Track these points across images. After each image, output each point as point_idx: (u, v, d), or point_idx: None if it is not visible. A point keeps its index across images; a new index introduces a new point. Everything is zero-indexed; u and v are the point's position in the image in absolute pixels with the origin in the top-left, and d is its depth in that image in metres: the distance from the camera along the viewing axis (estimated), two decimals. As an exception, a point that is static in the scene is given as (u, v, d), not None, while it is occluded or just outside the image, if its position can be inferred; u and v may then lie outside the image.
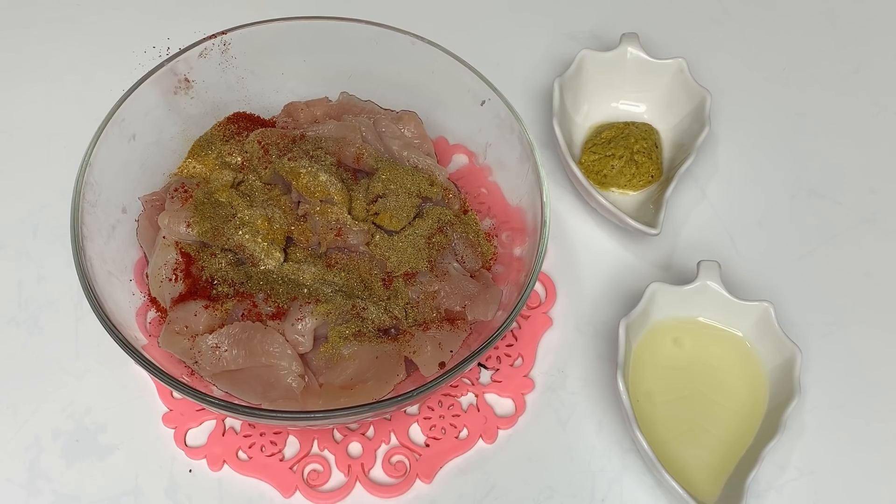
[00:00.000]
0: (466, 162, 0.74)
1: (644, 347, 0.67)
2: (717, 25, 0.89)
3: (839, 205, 0.78)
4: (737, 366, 0.67)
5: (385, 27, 0.70)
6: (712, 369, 0.67)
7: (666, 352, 0.68)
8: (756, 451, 0.62)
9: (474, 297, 0.64)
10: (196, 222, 0.64)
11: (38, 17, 0.86)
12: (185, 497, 0.63)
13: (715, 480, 0.63)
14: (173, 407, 0.65)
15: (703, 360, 0.68)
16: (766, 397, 0.66)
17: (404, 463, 0.64)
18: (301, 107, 0.73)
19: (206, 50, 0.69)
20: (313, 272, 0.64)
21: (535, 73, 0.84)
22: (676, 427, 0.65)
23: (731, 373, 0.67)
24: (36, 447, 0.64)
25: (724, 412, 0.66)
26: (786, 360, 0.65)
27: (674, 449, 0.64)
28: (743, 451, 0.64)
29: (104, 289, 0.60)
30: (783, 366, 0.65)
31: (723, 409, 0.66)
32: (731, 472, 0.63)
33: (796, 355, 0.64)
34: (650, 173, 0.75)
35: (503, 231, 0.69)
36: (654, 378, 0.67)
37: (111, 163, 0.64)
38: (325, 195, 0.65)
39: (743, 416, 0.65)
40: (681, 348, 0.68)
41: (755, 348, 0.67)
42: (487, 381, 0.67)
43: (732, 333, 0.68)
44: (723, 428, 0.65)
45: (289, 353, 0.60)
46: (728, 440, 0.64)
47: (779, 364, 0.66)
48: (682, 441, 0.65)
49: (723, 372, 0.67)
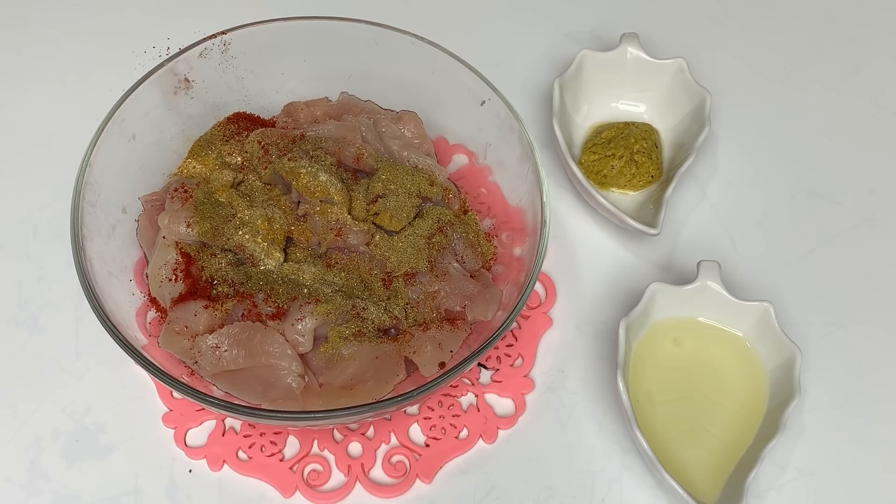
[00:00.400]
0: (466, 162, 0.74)
1: (644, 347, 0.67)
2: (717, 25, 0.89)
3: (839, 205, 0.78)
4: (737, 366, 0.67)
5: (385, 27, 0.70)
6: (712, 369, 0.67)
7: (666, 352, 0.68)
8: (756, 451, 0.62)
9: (474, 297, 0.64)
10: (196, 222, 0.64)
11: (38, 17, 0.85)
12: (185, 497, 0.63)
13: (715, 480, 0.63)
14: (173, 407, 0.65)
15: (704, 360, 0.68)
16: (766, 397, 0.66)
17: (404, 463, 0.64)
18: (301, 107, 0.72)
19: (206, 50, 0.69)
20: (313, 272, 0.64)
21: (535, 73, 0.84)
22: (676, 427, 0.65)
23: (731, 373, 0.67)
24: (36, 447, 0.64)
25: (724, 412, 0.66)
26: (786, 359, 0.65)
27: (674, 449, 0.64)
28: (743, 451, 0.64)
29: (104, 289, 0.60)
30: (783, 366, 0.65)
31: (723, 409, 0.66)
32: (731, 472, 0.63)
33: (796, 355, 0.64)
34: (650, 173, 0.75)
35: (503, 231, 0.69)
36: (654, 378, 0.67)
37: (111, 163, 0.64)
38: (325, 195, 0.65)
39: (743, 416, 0.65)
40: (681, 348, 0.68)
41: (755, 348, 0.67)
42: (487, 381, 0.67)
43: (732, 333, 0.68)
44: (723, 428, 0.65)
45: (289, 353, 0.60)
46: (728, 440, 0.64)
47: (779, 364, 0.66)
48: (682, 441, 0.65)
49: (723, 372, 0.67)
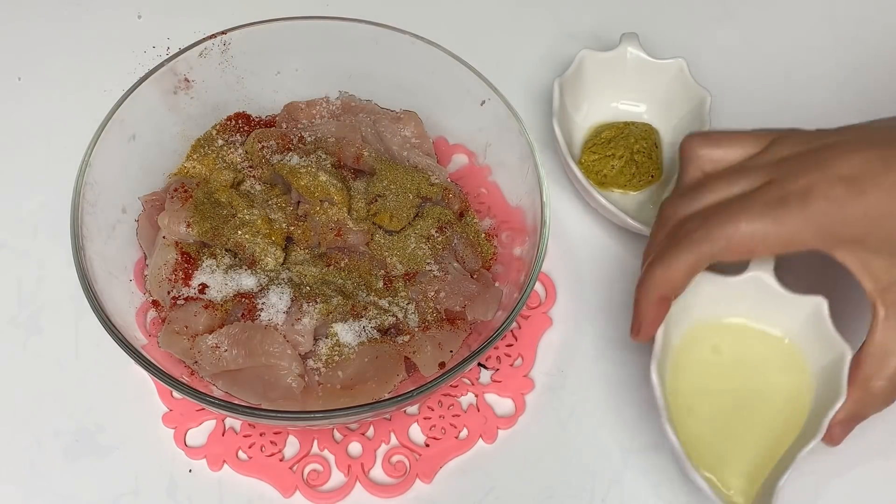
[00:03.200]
0: (466, 162, 0.74)
1: (680, 350, 0.64)
2: (717, 25, 0.89)
3: (839, 205, 0.78)
4: (780, 364, 0.64)
5: (385, 27, 0.70)
6: (753, 370, 0.64)
7: (703, 357, 0.64)
8: (793, 453, 0.60)
9: (474, 297, 0.64)
10: (196, 222, 0.64)
11: (38, 17, 0.85)
12: (185, 497, 0.63)
13: (750, 482, 0.60)
14: (173, 407, 0.65)
15: (744, 360, 0.64)
16: (810, 399, 0.62)
17: (404, 463, 0.64)
18: (301, 107, 0.72)
19: (206, 50, 0.69)
20: (313, 272, 0.64)
21: (535, 73, 0.84)
22: (711, 424, 0.62)
23: (774, 372, 0.63)
24: (36, 447, 0.64)
25: (765, 413, 0.62)
26: (835, 358, 0.61)
27: (704, 447, 0.61)
28: (782, 453, 0.61)
29: (104, 289, 0.60)
30: (831, 365, 0.61)
31: (763, 410, 0.62)
32: (767, 474, 0.60)
33: (846, 353, 0.60)
34: (650, 173, 0.75)
35: (503, 231, 0.69)
36: (688, 381, 0.63)
37: (111, 163, 0.64)
38: (325, 195, 0.65)
39: (785, 418, 0.62)
40: (720, 356, 0.64)
41: (801, 346, 0.63)
42: (487, 381, 0.67)
43: (775, 332, 0.64)
44: (762, 428, 0.62)
45: (289, 353, 0.60)
46: (766, 442, 0.61)
47: (827, 363, 0.62)
48: (716, 441, 0.61)
49: (764, 371, 0.63)
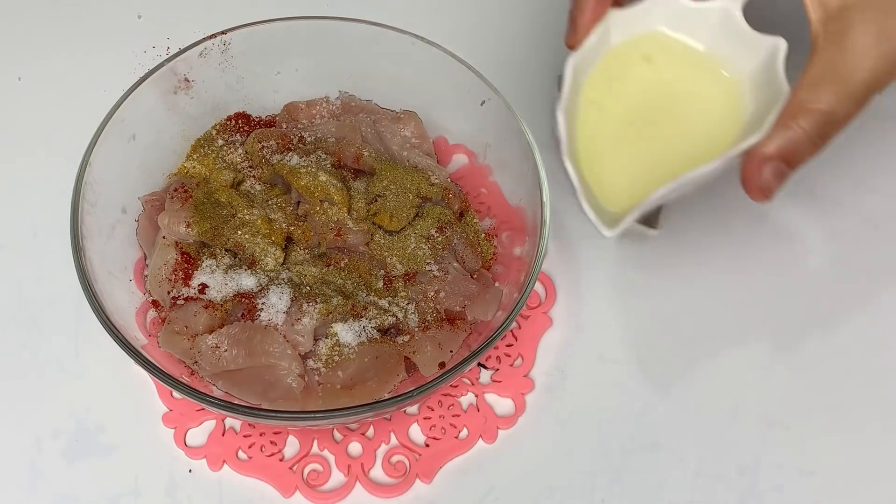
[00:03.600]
0: (466, 162, 0.74)
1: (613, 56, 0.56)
2: None
3: (839, 205, 0.78)
4: (720, 106, 0.57)
5: (385, 27, 0.70)
6: (686, 95, 0.58)
7: (634, 62, 0.57)
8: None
9: (474, 297, 0.64)
10: (196, 222, 0.64)
11: (38, 17, 0.85)
12: (185, 497, 0.63)
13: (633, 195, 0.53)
14: (173, 407, 0.65)
15: (678, 81, 0.58)
16: (743, 105, 0.55)
17: (404, 463, 0.64)
18: (301, 107, 0.72)
19: (206, 50, 0.69)
20: (313, 272, 0.64)
21: (535, 73, 0.84)
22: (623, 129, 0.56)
23: (708, 106, 0.57)
24: (36, 447, 0.64)
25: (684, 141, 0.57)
26: (767, 55, 0.54)
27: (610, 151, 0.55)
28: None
29: (104, 289, 0.60)
30: (767, 106, 0.53)
31: (683, 140, 0.57)
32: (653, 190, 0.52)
33: (779, 45, 0.54)
34: (650, 173, 0.75)
35: (503, 231, 0.69)
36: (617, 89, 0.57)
37: (111, 163, 0.64)
38: (325, 195, 0.65)
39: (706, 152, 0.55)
40: (652, 64, 0.57)
41: (746, 87, 0.56)
42: (487, 381, 0.67)
43: (725, 73, 0.57)
44: (677, 151, 0.56)
45: (289, 353, 0.60)
46: (676, 163, 0.55)
47: (765, 105, 0.54)
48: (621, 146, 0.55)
49: (699, 107, 0.57)
